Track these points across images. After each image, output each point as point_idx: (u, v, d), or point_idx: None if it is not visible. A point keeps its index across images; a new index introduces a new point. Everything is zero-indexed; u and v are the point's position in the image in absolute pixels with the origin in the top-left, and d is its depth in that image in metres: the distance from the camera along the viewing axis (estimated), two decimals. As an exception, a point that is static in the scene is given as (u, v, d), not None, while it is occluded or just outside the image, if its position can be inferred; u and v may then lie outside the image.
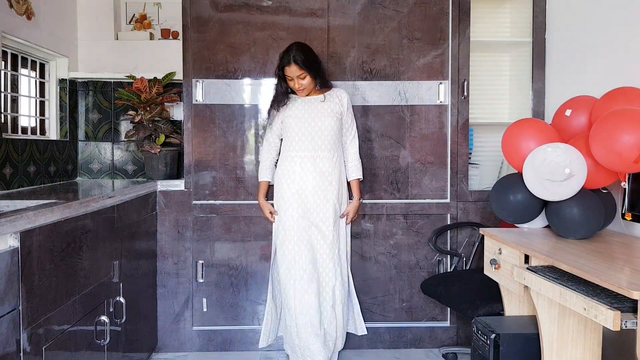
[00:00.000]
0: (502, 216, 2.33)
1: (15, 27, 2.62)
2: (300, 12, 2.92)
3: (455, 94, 2.95)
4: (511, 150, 2.30)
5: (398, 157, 2.97)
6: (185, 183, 2.94)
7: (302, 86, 2.65)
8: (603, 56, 2.50)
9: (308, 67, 2.61)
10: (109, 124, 3.34)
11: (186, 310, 2.96)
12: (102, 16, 3.33)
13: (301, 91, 2.68)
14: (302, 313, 2.61)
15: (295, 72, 2.60)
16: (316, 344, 2.60)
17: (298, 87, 2.65)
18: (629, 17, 2.33)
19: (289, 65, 2.60)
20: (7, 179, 2.56)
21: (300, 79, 2.62)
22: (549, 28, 2.97)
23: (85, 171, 3.35)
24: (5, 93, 2.69)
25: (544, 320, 1.98)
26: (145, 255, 2.78)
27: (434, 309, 3.02)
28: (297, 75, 2.61)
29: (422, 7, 2.94)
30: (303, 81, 2.63)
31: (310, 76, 2.64)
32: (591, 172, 2.11)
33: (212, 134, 2.94)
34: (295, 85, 2.65)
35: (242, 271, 2.97)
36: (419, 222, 2.99)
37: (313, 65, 2.64)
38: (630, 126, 1.88)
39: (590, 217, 2.09)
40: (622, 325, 1.45)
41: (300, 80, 2.63)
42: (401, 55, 2.94)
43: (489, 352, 2.08)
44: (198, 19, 2.91)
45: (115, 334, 2.27)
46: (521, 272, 1.90)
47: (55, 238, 1.75)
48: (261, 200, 2.79)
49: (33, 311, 1.60)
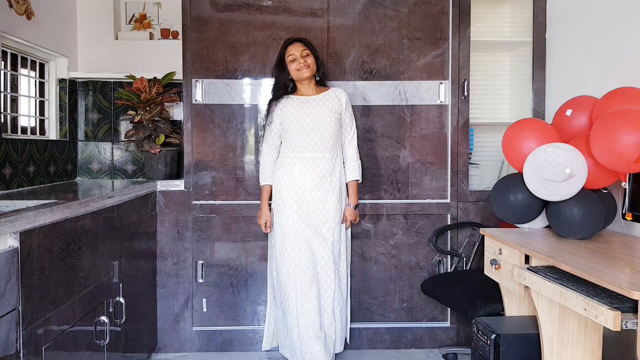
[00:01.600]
0: (502, 216, 2.33)
1: (15, 27, 2.62)
2: (300, 12, 2.92)
3: (456, 93, 2.95)
4: (511, 150, 2.30)
5: (398, 157, 2.97)
6: (185, 183, 2.94)
7: (307, 64, 2.62)
8: (603, 56, 2.50)
9: (311, 47, 2.66)
10: (108, 124, 3.34)
11: (186, 311, 2.96)
12: (102, 16, 3.33)
13: (304, 69, 2.62)
14: (304, 316, 2.60)
15: (299, 48, 2.62)
16: (317, 347, 2.59)
17: (302, 65, 2.62)
18: (630, 17, 2.33)
19: (293, 44, 2.63)
20: (7, 179, 2.55)
21: (304, 57, 2.62)
22: (549, 28, 2.96)
23: (85, 171, 3.34)
24: (5, 93, 2.68)
25: (545, 320, 1.98)
26: (145, 256, 2.78)
27: (434, 309, 3.02)
28: (301, 51, 2.61)
29: (422, 6, 2.94)
30: (308, 59, 2.63)
31: (313, 56, 2.65)
32: (591, 172, 2.10)
33: (211, 134, 2.94)
34: (299, 64, 2.61)
35: (242, 271, 2.97)
36: (419, 222, 2.99)
37: (315, 50, 2.69)
38: (631, 126, 1.88)
39: (590, 217, 2.09)
40: (623, 325, 1.45)
41: (305, 59, 2.62)
42: (401, 55, 2.94)
43: (489, 353, 2.08)
44: (198, 19, 2.91)
45: (115, 334, 2.26)
46: (521, 272, 1.90)
47: (54, 238, 1.75)
48: (264, 207, 2.74)
49: (32, 311, 1.60)
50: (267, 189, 2.76)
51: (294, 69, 2.64)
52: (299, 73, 2.64)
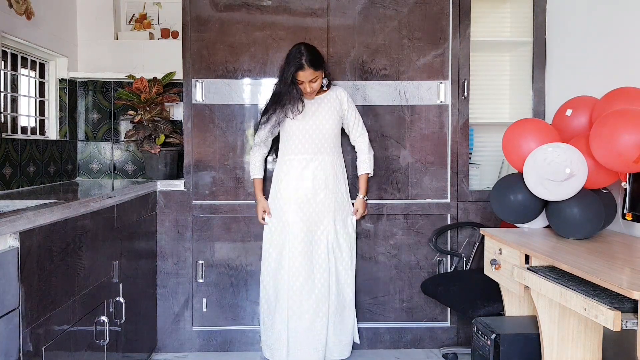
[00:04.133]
0: (502, 216, 2.33)
1: (15, 26, 2.62)
2: (300, 11, 2.92)
3: (456, 93, 2.95)
4: (511, 150, 2.30)
5: (398, 157, 2.97)
6: (185, 183, 2.94)
7: (313, 90, 2.63)
8: (604, 56, 2.50)
9: (321, 69, 2.62)
10: (108, 123, 3.34)
11: (186, 311, 2.96)
12: (102, 16, 3.33)
13: (311, 94, 2.65)
14: (294, 318, 2.60)
15: (309, 77, 2.57)
16: (307, 349, 2.60)
17: (309, 91, 2.62)
18: (630, 17, 2.33)
19: (304, 70, 2.55)
20: (7, 179, 2.55)
21: (312, 82, 2.60)
22: (549, 28, 2.96)
23: (85, 171, 3.34)
24: (5, 93, 2.68)
25: (544, 320, 1.98)
26: (145, 256, 2.78)
27: (434, 309, 3.02)
28: (311, 79, 2.59)
29: (422, 6, 2.94)
30: (314, 84, 2.62)
31: (320, 78, 2.64)
32: (592, 172, 2.10)
33: (211, 134, 2.94)
34: (306, 88, 2.61)
35: (242, 271, 2.97)
36: (419, 222, 2.99)
37: (323, 66, 2.65)
38: (631, 126, 1.88)
39: (590, 217, 2.09)
40: (623, 325, 1.45)
41: (312, 84, 2.60)
42: (401, 55, 2.94)
43: (489, 352, 2.08)
44: (198, 19, 2.91)
45: (114, 334, 2.26)
46: (521, 272, 1.90)
47: (55, 238, 1.75)
48: (259, 197, 2.78)
49: (32, 311, 1.60)
50: (258, 181, 2.79)
51: (302, 90, 2.63)
52: (308, 95, 2.65)
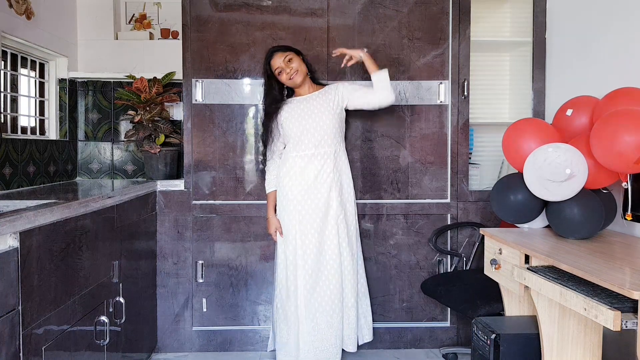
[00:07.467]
0: (502, 216, 2.33)
1: (15, 26, 2.62)
2: (300, 11, 2.92)
3: (456, 93, 2.95)
4: (512, 150, 2.30)
5: (398, 157, 2.97)
6: (185, 183, 2.94)
7: (293, 69, 2.61)
8: (604, 56, 2.50)
9: (290, 48, 2.65)
10: (108, 123, 3.34)
11: (186, 311, 2.96)
12: (102, 16, 3.33)
13: (295, 75, 2.62)
14: (307, 317, 2.60)
15: (281, 58, 2.61)
16: (317, 350, 2.60)
17: (290, 73, 2.61)
18: (630, 17, 2.33)
19: (272, 56, 2.62)
20: (7, 179, 2.55)
21: (288, 63, 2.61)
22: (549, 28, 2.96)
23: (85, 171, 3.34)
24: (5, 93, 2.68)
25: (544, 320, 1.98)
26: (145, 256, 2.78)
27: (434, 309, 3.02)
28: (284, 59, 2.60)
29: (422, 6, 2.94)
30: (292, 64, 2.62)
31: (296, 55, 2.64)
32: (592, 173, 2.10)
33: (211, 134, 2.94)
34: (286, 74, 2.61)
35: (242, 271, 2.97)
36: (419, 222, 2.99)
37: (297, 51, 2.67)
38: (632, 127, 1.88)
39: (590, 218, 2.09)
40: (623, 325, 1.45)
41: (289, 65, 2.61)
42: (401, 55, 2.94)
43: (489, 352, 2.08)
44: (198, 19, 2.91)
45: (114, 334, 2.26)
46: (521, 272, 1.90)
47: (54, 238, 1.74)
48: (270, 215, 2.73)
49: (32, 311, 1.60)
50: (272, 196, 2.74)
51: (286, 79, 2.64)
52: (292, 81, 2.65)
